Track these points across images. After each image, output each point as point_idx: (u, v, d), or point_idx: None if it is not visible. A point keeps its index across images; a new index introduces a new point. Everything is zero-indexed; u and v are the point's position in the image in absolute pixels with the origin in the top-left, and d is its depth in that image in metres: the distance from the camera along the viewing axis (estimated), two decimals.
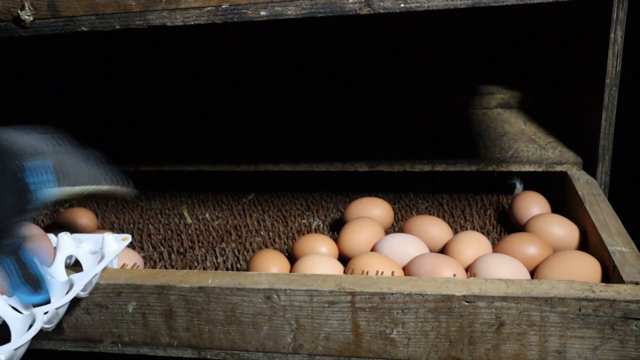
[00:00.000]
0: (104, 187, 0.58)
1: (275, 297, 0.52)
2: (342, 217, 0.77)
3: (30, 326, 0.47)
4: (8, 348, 0.44)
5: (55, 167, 0.52)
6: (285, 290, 0.52)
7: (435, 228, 0.70)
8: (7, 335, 0.46)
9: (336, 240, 0.70)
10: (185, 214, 0.86)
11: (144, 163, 0.86)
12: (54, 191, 0.52)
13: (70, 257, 0.56)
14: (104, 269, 0.57)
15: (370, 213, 0.74)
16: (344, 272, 0.62)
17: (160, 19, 0.59)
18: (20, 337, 0.46)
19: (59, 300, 0.50)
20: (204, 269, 0.71)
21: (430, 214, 0.81)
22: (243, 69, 1.11)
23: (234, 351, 0.56)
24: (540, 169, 0.75)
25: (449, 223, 0.74)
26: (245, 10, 0.57)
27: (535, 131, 0.84)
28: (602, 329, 0.48)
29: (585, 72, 0.76)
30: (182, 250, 0.76)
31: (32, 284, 0.49)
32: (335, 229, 0.78)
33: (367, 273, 0.58)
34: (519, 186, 0.78)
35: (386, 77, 1.05)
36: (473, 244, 0.64)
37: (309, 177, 0.88)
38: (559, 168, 0.75)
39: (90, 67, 1.12)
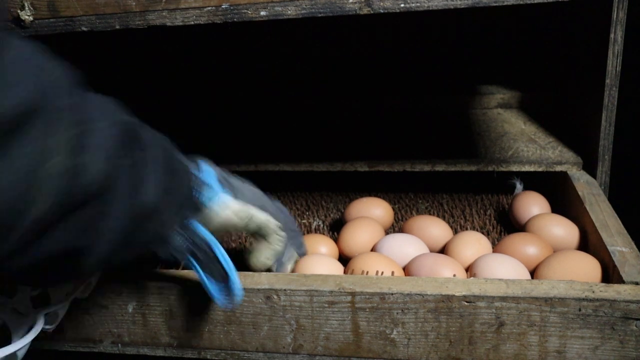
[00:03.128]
0: (263, 217, 0.52)
1: (275, 297, 0.52)
2: (342, 217, 0.77)
3: (31, 328, 0.47)
4: (8, 350, 0.44)
5: (220, 178, 0.49)
6: (285, 290, 0.52)
7: (435, 228, 0.70)
8: (8, 337, 0.46)
9: (336, 240, 0.70)
10: None
11: None
12: (226, 200, 0.47)
13: None
14: None
15: (370, 213, 0.74)
16: (344, 272, 0.62)
17: (160, 19, 0.59)
18: (21, 339, 0.46)
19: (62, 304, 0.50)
20: None
21: (430, 214, 0.81)
22: (242, 69, 1.11)
23: (234, 351, 0.56)
24: (540, 169, 0.75)
25: (449, 223, 0.74)
26: (245, 10, 0.57)
27: (535, 131, 0.84)
28: (602, 329, 0.48)
29: (585, 72, 0.76)
30: None
31: (221, 277, 0.46)
32: (335, 229, 0.78)
33: (367, 273, 0.58)
34: (519, 186, 0.78)
35: (386, 77, 1.05)
36: (473, 244, 0.64)
37: (309, 177, 0.88)
38: (559, 168, 0.75)
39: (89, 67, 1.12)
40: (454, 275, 0.57)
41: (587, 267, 0.56)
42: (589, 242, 0.63)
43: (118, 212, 0.35)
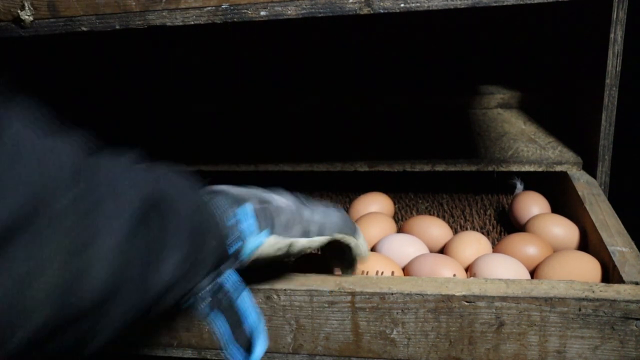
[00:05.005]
0: (304, 242, 0.46)
1: (275, 297, 0.52)
2: None
3: None
4: None
5: (258, 212, 0.43)
6: (285, 290, 0.52)
7: (436, 228, 0.70)
8: None
9: None
10: None
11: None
12: (261, 240, 0.43)
13: None
14: None
15: (373, 209, 0.75)
16: None
17: (160, 19, 0.59)
18: None
19: None
20: None
21: (430, 214, 0.81)
22: (242, 69, 1.11)
23: None
24: (540, 169, 0.75)
25: (449, 223, 0.74)
26: (245, 10, 0.57)
27: (535, 131, 0.84)
28: (602, 329, 0.48)
29: (585, 72, 0.76)
30: None
31: (244, 344, 0.41)
32: None
33: (367, 273, 0.58)
34: (519, 186, 0.78)
35: (386, 77, 1.05)
36: (473, 244, 0.64)
37: (309, 177, 0.88)
38: (559, 168, 0.75)
39: (87, 67, 1.12)
40: (454, 275, 0.57)
41: (587, 267, 0.56)
42: (589, 242, 0.63)
43: (126, 306, 0.32)
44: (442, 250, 0.67)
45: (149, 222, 0.33)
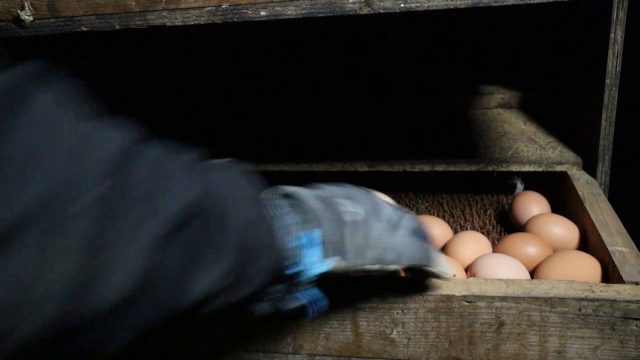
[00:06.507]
0: (376, 268, 0.43)
1: None
2: None
3: None
4: None
5: (326, 239, 0.39)
6: None
7: (436, 228, 0.70)
8: None
9: None
10: None
11: None
12: (328, 267, 0.40)
13: None
14: None
15: None
16: None
17: (160, 19, 0.59)
18: None
19: None
20: None
21: (430, 214, 0.81)
22: (242, 69, 1.11)
23: (234, 351, 0.56)
24: (540, 169, 0.75)
25: (449, 223, 0.74)
26: (245, 10, 0.57)
27: (535, 131, 0.84)
28: (602, 329, 0.48)
29: (585, 72, 0.76)
30: None
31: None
32: None
33: None
34: (519, 186, 0.78)
35: (386, 77, 1.05)
36: (473, 244, 0.64)
37: (309, 177, 0.88)
38: (559, 168, 0.75)
39: (87, 67, 1.12)
40: (454, 275, 0.57)
41: (587, 267, 0.56)
42: (589, 242, 0.63)
43: (149, 313, 0.29)
44: (442, 250, 0.67)
45: (189, 230, 0.30)
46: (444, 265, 0.48)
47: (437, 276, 0.48)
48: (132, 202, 0.27)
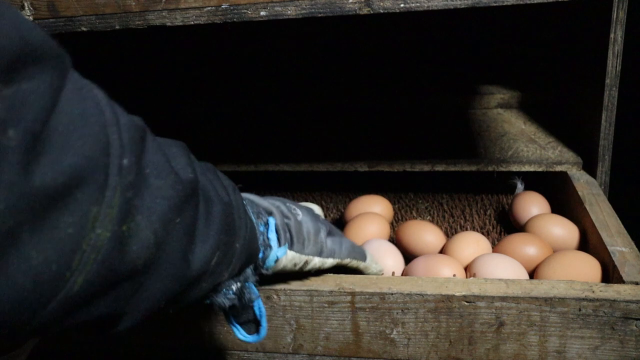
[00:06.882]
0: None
1: (275, 297, 0.52)
2: (342, 217, 0.77)
3: None
4: None
5: (279, 227, 0.45)
6: (285, 290, 0.52)
7: (429, 235, 0.68)
8: None
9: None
10: None
11: None
12: (283, 253, 0.45)
13: None
14: None
15: (370, 211, 0.74)
16: None
17: (160, 19, 0.59)
18: None
19: None
20: None
21: (430, 214, 0.81)
22: (242, 69, 1.11)
23: (234, 351, 0.56)
24: (540, 169, 0.75)
25: (449, 223, 0.74)
26: (245, 10, 0.57)
27: (535, 131, 0.84)
28: (602, 329, 0.48)
29: (585, 72, 0.76)
30: None
31: (253, 326, 0.45)
32: None
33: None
34: (520, 186, 0.78)
35: (386, 77, 1.05)
36: (472, 244, 0.64)
37: (309, 177, 0.88)
38: (559, 168, 0.75)
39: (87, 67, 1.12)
40: (454, 275, 0.57)
41: (587, 267, 0.56)
42: (589, 242, 0.63)
43: (161, 283, 0.32)
44: (442, 250, 0.67)
45: (187, 207, 0.33)
46: (375, 263, 0.57)
47: (370, 272, 0.56)
48: (147, 177, 0.30)
